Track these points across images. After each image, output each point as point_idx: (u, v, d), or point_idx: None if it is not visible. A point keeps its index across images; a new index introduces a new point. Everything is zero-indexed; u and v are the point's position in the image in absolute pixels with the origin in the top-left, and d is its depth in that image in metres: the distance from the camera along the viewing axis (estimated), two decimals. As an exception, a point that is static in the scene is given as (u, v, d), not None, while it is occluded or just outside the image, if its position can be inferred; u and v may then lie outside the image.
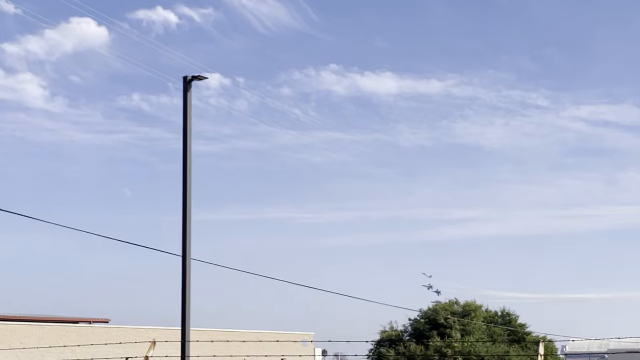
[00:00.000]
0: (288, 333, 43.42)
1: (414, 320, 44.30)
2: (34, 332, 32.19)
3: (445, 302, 43.85)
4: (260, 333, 41.25)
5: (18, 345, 30.85)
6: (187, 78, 22.92)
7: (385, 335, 44.41)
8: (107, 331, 35.33)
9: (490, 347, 40.39)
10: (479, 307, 43.91)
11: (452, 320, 41.79)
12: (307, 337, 44.84)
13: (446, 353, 39.90)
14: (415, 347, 41.33)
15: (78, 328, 35.67)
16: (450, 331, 41.22)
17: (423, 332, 42.46)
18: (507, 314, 45.44)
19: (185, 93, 22.84)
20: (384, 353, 42.53)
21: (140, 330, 35.84)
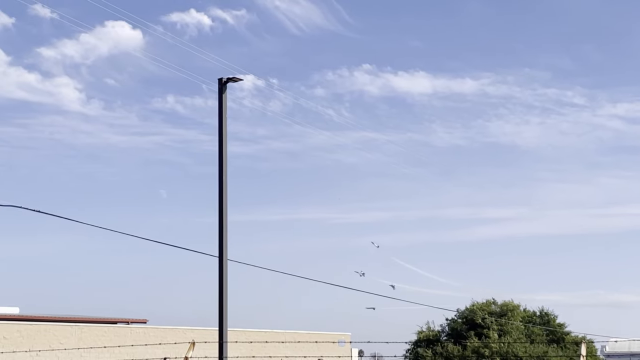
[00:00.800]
0: (325, 333, 43.50)
1: (451, 320, 44.13)
2: (73, 332, 32.62)
3: (482, 302, 43.62)
4: (297, 334, 41.38)
5: (58, 346, 31.30)
6: (222, 80, 23.08)
7: (423, 335, 44.27)
8: (145, 332, 35.66)
9: (529, 348, 40.09)
10: (517, 307, 43.57)
11: (490, 320, 41.54)
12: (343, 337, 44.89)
13: (484, 353, 39.67)
14: (453, 348, 41.16)
15: (116, 328, 36.08)
16: (487, 331, 40.97)
17: (460, 333, 42.27)
18: (546, 314, 45.01)
19: (221, 95, 23.01)
20: (421, 353, 42.41)
21: (177, 330, 36.14)
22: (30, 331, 30.99)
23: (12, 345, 29.62)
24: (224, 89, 23.06)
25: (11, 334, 30.22)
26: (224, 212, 22.76)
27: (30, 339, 30.63)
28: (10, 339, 30.02)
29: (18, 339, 30.27)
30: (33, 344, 30.37)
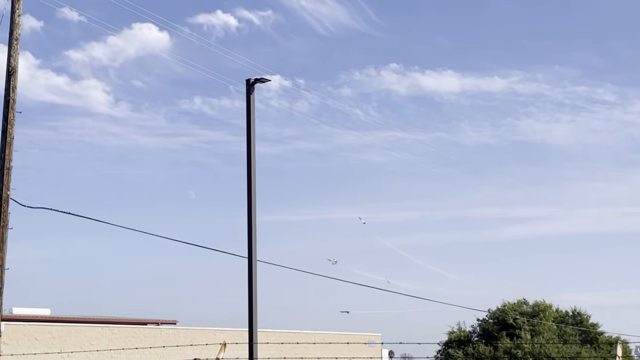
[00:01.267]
0: (355, 334, 43.49)
1: (482, 320, 43.90)
2: (103, 333, 32.91)
3: (513, 302, 43.34)
4: (326, 334, 41.40)
5: (89, 347, 31.58)
6: (249, 81, 23.14)
7: (454, 336, 44.10)
8: (175, 332, 35.88)
9: (562, 348, 39.75)
10: (549, 307, 43.22)
11: (521, 320, 41.26)
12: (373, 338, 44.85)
13: (516, 354, 39.41)
14: (484, 348, 40.94)
15: (146, 330, 36.33)
16: (519, 332, 40.69)
17: (492, 333, 42.03)
18: (578, 314, 44.61)
19: (249, 95, 23.07)
20: (452, 354, 42.23)
21: (207, 331, 36.31)
22: (61, 332, 31.30)
23: (44, 347, 29.94)
24: (252, 89, 23.12)
25: (43, 335, 30.55)
26: (253, 212, 22.82)
27: (61, 340, 30.94)
28: (42, 340, 30.35)
29: (49, 340, 30.59)
30: (64, 345, 30.68)
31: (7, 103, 16.46)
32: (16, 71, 16.63)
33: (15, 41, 16.77)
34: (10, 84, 16.53)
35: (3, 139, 16.31)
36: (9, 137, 16.30)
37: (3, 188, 16.06)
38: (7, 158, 16.21)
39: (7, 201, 16.09)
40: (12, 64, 16.62)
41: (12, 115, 16.42)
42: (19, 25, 16.86)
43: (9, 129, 16.32)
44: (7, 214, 16.05)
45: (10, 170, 16.22)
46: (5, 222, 15.97)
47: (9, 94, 16.47)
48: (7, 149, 16.26)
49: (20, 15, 16.89)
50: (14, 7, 16.88)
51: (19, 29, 16.86)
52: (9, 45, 16.76)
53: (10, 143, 16.30)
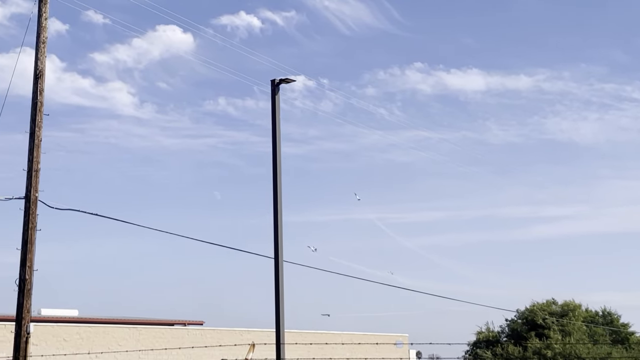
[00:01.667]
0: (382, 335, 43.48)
1: (510, 320, 43.71)
2: (131, 334, 33.18)
3: (542, 302, 43.10)
4: (354, 335, 41.43)
5: (117, 348, 31.86)
6: (274, 81, 23.20)
7: (482, 336, 43.97)
8: (202, 333, 36.09)
9: (592, 349, 39.47)
10: (578, 306, 42.94)
11: (551, 320, 41.01)
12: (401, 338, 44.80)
13: (546, 354, 39.19)
14: (513, 349, 40.76)
15: (173, 330, 36.57)
16: (548, 332, 40.46)
17: (520, 333, 41.84)
18: (608, 314, 44.28)
19: (274, 96, 23.14)
20: (481, 354, 42.09)
21: (234, 332, 36.49)
22: (89, 333, 31.62)
23: (73, 347, 30.27)
24: (277, 90, 23.19)
25: (71, 336, 30.89)
26: (279, 213, 22.89)
27: (89, 341, 31.26)
28: (70, 341, 30.68)
29: (78, 341, 30.91)
30: (92, 346, 30.99)
31: (34, 106, 16.69)
32: (43, 74, 16.86)
33: (42, 44, 17.01)
34: (37, 87, 16.76)
35: (31, 142, 16.55)
36: (37, 139, 16.53)
37: (31, 190, 16.30)
38: (35, 160, 16.44)
39: (36, 203, 16.32)
40: (39, 67, 16.86)
41: (40, 118, 16.65)
42: (45, 28, 17.10)
43: (37, 132, 16.56)
44: (36, 215, 16.29)
45: (38, 173, 16.45)
46: (33, 223, 16.21)
47: (37, 97, 16.70)
48: (35, 151, 16.49)
49: (47, 18, 17.13)
50: (41, 10, 17.12)
51: (45, 32, 17.09)
52: (36, 48, 17.00)
53: (38, 145, 16.53)
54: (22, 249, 16.14)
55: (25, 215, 16.22)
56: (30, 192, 16.29)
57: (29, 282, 15.97)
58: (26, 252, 16.07)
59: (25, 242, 16.12)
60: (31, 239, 16.13)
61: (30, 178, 16.37)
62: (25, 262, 16.02)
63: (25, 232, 16.18)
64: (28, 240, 16.10)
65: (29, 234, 16.12)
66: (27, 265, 16.00)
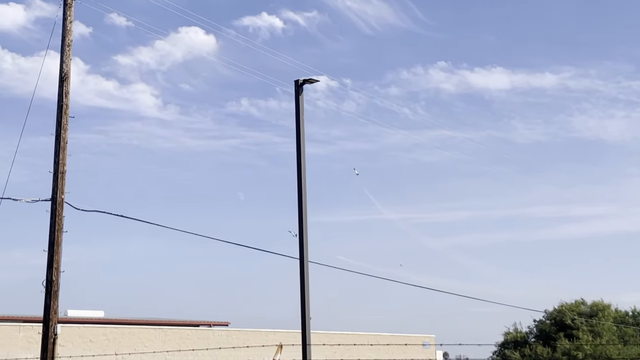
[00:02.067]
0: (409, 336, 43.51)
1: (539, 321, 43.51)
2: (157, 335, 33.49)
3: (571, 302, 42.86)
4: (379, 336, 41.50)
5: (143, 349, 32.17)
6: (298, 82, 23.30)
7: (510, 337, 43.80)
8: (228, 334, 36.33)
9: (622, 349, 39.18)
10: (608, 306, 42.63)
11: (580, 321, 40.78)
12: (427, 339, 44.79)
13: (576, 356, 38.96)
14: (542, 350, 40.56)
15: (199, 331, 36.86)
16: (577, 332, 40.23)
17: (549, 334, 41.63)
18: (639, 314, 43.93)
19: (297, 97, 23.25)
20: (509, 355, 41.94)
21: (259, 333, 36.70)
22: (115, 334, 31.96)
23: (99, 349, 30.61)
24: (300, 90, 23.30)
25: (97, 337, 31.24)
26: (304, 213, 23.01)
27: (115, 342, 31.59)
28: (97, 342, 31.04)
29: (104, 342, 31.26)
30: (119, 347, 31.32)
31: (60, 108, 16.95)
32: (68, 77, 17.12)
33: (67, 47, 17.27)
34: (63, 90, 17.02)
35: (57, 144, 16.80)
36: (63, 141, 16.78)
37: (58, 192, 16.54)
38: (61, 162, 16.69)
39: (62, 205, 16.57)
40: (64, 70, 17.12)
41: (65, 120, 16.90)
42: (70, 31, 17.35)
43: (63, 134, 16.81)
44: (62, 217, 16.53)
45: (64, 175, 16.69)
46: (60, 225, 16.46)
47: (62, 99, 16.96)
48: (61, 153, 16.74)
49: (72, 22, 17.39)
50: (66, 14, 17.38)
51: (70, 35, 17.35)
52: (61, 51, 17.26)
53: (63, 148, 16.78)
54: (49, 251, 16.38)
55: (52, 217, 16.46)
56: (56, 194, 16.53)
57: (55, 283, 16.21)
58: (53, 254, 16.31)
59: (52, 244, 16.36)
60: (58, 241, 16.38)
61: (56, 180, 16.62)
62: (52, 264, 16.27)
63: (51, 233, 16.42)
64: (55, 241, 16.35)
65: (56, 235, 16.37)
66: (54, 266, 16.24)
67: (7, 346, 28.55)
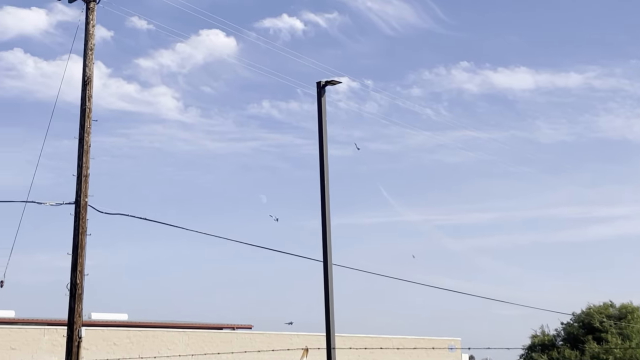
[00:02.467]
0: (434, 339, 43.44)
1: (566, 324, 43.30)
2: (180, 338, 33.75)
3: (599, 304, 42.62)
4: (405, 339, 41.49)
5: (166, 352, 32.42)
6: (320, 83, 23.42)
7: (537, 340, 43.62)
8: (251, 337, 36.50)
9: (652, 352, 38.92)
10: (637, 309, 42.34)
11: (608, 323, 40.54)
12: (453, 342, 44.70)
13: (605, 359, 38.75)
14: (570, 353, 40.37)
15: (222, 334, 37.06)
16: (606, 335, 40.00)
17: (577, 337, 41.42)
18: (670, 316, 43.56)
19: (320, 98, 23.37)
20: (536, 359, 41.79)
21: (283, 336, 36.83)
22: (139, 337, 32.25)
23: (123, 352, 30.90)
24: (323, 92, 23.41)
25: (121, 340, 31.54)
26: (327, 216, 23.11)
27: (139, 345, 31.87)
28: (121, 345, 31.34)
29: (128, 345, 31.55)
30: (142, 350, 31.59)
31: (83, 112, 17.20)
32: (91, 80, 17.37)
33: (90, 51, 17.52)
34: (86, 93, 17.27)
35: (80, 147, 17.05)
36: (86, 145, 17.02)
37: (81, 195, 16.79)
38: (85, 166, 16.93)
39: (86, 208, 16.80)
40: (87, 74, 17.37)
41: (89, 124, 17.15)
42: (93, 35, 17.60)
43: (86, 137, 17.05)
44: (86, 220, 16.76)
45: (87, 178, 16.93)
46: (83, 228, 16.69)
47: (85, 103, 17.21)
48: (84, 156, 16.98)
49: (94, 26, 17.64)
50: (88, 18, 17.63)
51: (93, 39, 17.60)
52: (84, 55, 17.51)
53: (87, 151, 17.02)
54: (73, 254, 16.60)
55: (76, 220, 16.69)
56: (80, 197, 16.77)
57: (80, 286, 16.44)
58: (77, 257, 16.54)
59: (76, 247, 16.59)
60: (82, 244, 16.61)
61: (79, 183, 16.86)
62: (76, 267, 16.50)
63: (75, 237, 16.65)
64: (78, 245, 16.58)
65: (80, 238, 16.60)
66: (78, 269, 16.47)
67: (32, 349, 28.92)
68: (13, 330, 29.37)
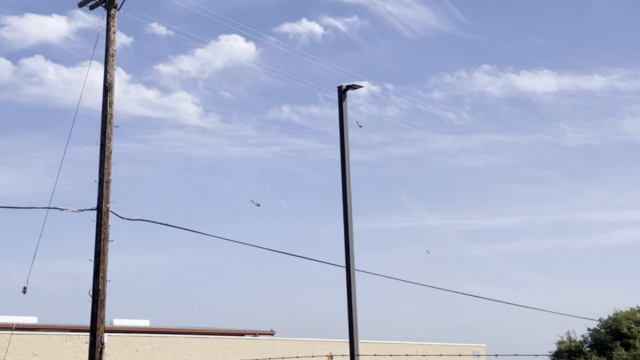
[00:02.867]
0: (458, 345, 43.33)
1: (593, 330, 43.01)
2: (202, 345, 33.89)
3: (626, 310, 42.30)
4: (430, 345, 41.40)
5: (188, 358, 32.58)
6: (341, 88, 23.49)
7: (564, 346, 43.37)
8: (273, 344, 36.59)
9: (682, 359, 38.56)
10: (666, 314, 42.02)
11: (636, 329, 40.23)
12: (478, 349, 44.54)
13: (634, 366, 38.47)
14: (597, 359, 40.12)
15: (244, 340, 37.17)
16: (634, 342, 39.69)
17: (605, 343, 41.13)
18: (701, 322, 43.14)
19: (341, 103, 23.44)
20: (563, 365, 41.56)
21: (306, 342, 36.88)
22: (161, 343, 32.44)
23: (145, 358, 31.10)
24: (344, 96, 23.48)
25: (143, 346, 31.74)
26: (350, 221, 23.16)
27: (161, 352, 32.06)
28: (143, 352, 31.53)
29: (150, 351, 31.74)
30: (164, 356, 31.78)
31: (104, 118, 17.38)
32: (112, 86, 17.55)
33: (111, 57, 17.70)
34: (107, 100, 17.45)
35: (102, 153, 17.22)
36: (107, 151, 17.20)
37: (103, 201, 16.95)
38: (106, 171, 17.10)
39: (107, 214, 16.96)
40: (108, 80, 17.55)
41: (110, 130, 17.32)
42: (114, 42, 17.79)
43: (107, 143, 17.23)
44: (108, 226, 16.93)
45: (109, 184, 17.10)
46: (105, 234, 16.85)
47: (106, 109, 17.39)
48: (106, 162, 17.15)
49: (115, 32, 17.83)
50: (109, 24, 17.83)
51: (114, 45, 17.79)
52: (105, 61, 17.70)
53: (108, 157, 17.19)
54: (95, 260, 16.76)
55: (98, 226, 16.85)
56: (101, 203, 16.93)
57: (102, 292, 16.59)
58: (99, 263, 16.70)
59: (98, 253, 16.74)
60: (103, 250, 16.76)
61: (101, 189, 17.03)
62: (98, 273, 16.65)
63: (97, 243, 16.81)
64: (100, 251, 16.73)
65: (102, 244, 16.75)
66: (100, 276, 16.62)
67: (55, 355, 29.17)
68: (35, 336, 29.64)
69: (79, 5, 18.58)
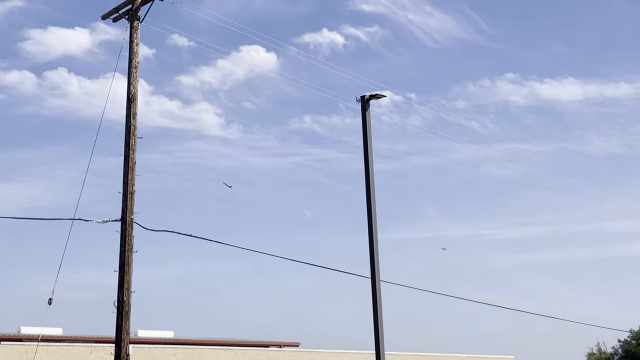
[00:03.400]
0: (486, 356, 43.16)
1: (624, 341, 42.71)
2: (227, 356, 34.04)
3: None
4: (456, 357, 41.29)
5: (213, 370, 32.72)
6: (364, 97, 23.66)
7: (594, 358, 43.11)
8: (298, 355, 36.68)
9: None
10: (698, 325, 41.64)
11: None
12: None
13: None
14: (628, 371, 39.86)
15: (269, 352, 37.28)
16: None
17: (636, 355, 40.84)
18: None
19: (364, 112, 23.60)
20: (593, 377, 41.29)
21: (331, 353, 36.94)
22: (185, 355, 32.63)
23: (169, 369, 31.29)
24: (367, 106, 23.64)
25: (167, 357, 31.96)
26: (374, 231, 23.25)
27: (185, 363, 32.23)
28: (167, 363, 31.73)
29: (174, 363, 31.93)
30: (189, 368, 31.95)
31: (128, 129, 17.64)
32: (136, 98, 17.82)
33: (134, 69, 17.98)
34: (130, 111, 17.72)
35: (126, 165, 17.47)
36: (131, 162, 17.44)
37: (127, 212, 17.18)
38: (130, 183, 17.34)
39: (132, 225, 17.19)
40: (132, 92, 17.82)
41: (134, 141, 17.57)
42: (137, 54, 18.07)
43: (131, 155, 17.48)
44: (132, 237, 17.14)
45: (133, 195, 17.33)
46: (130, 245, 17.07)
47: (130, 121, 17.65)
48: (130, 173, 17.40)
49: (138, 44, 18.11)
50: (132, 37, 18.12)
51: (137, 57, 18.07)
52: (129, 73, 17.98)
53: (132, 168, 17.44)
54: (120, 271, 16.97)
55: (122, 237, 17.08)
56: (126, 214, 17.16)
57: (127, 304, 16.79)
58: (124, 274, 16.91)
59: (123, 264, 16.96)
60: (128, 261, 16.97)
61: (125, 200, 17.26)
62: (122, 284, 16.85)
63: (122, 254, 17.03)
64: (125, 262, 16.94)
65: (126, 255, 16.97)
66: (125, 287, 16.82)
67: (79, 367, 29.45)
68: (61, 347, 29.96)
69: (102, 18, 18.92)
